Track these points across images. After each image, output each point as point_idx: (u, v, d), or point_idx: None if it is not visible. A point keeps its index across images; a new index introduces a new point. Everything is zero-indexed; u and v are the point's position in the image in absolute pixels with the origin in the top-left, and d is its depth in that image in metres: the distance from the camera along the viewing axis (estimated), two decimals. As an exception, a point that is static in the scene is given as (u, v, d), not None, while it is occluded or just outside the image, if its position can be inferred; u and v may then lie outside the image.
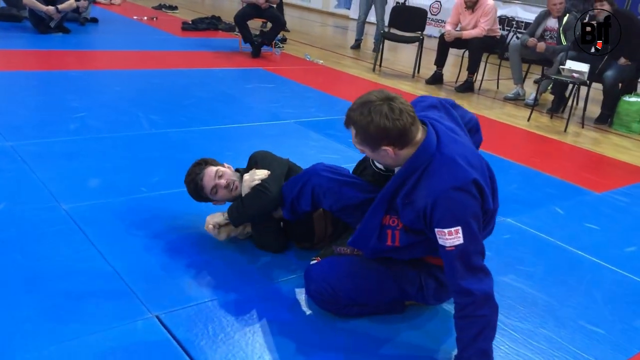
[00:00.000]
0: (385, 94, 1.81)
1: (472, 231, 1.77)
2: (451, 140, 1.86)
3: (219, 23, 8.90)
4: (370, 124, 1.77)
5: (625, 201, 3.62)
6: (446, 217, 1.76)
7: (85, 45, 6.61)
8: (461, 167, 1.78)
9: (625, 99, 5.51)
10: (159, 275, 2.26)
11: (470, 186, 1.77)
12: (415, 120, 1.81)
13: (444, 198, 1.76)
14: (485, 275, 1.81)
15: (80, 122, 3.90)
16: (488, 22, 6.43)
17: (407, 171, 1.84)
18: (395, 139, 1.79)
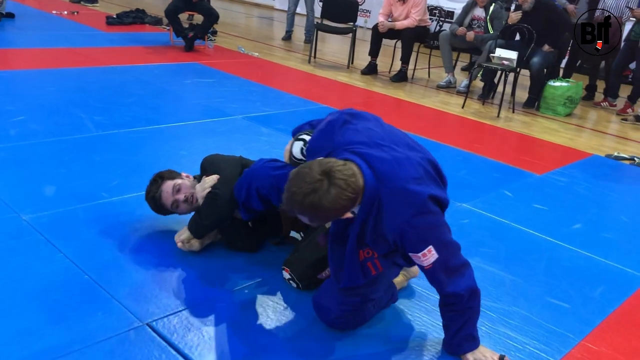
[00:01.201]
0: (318, 170, 1.69)
1: (444, 241, 1.83)
2: (385, 165, 1.80)
3: (144, 16, 8.63)
4: (328, 211, 1.72)
5: (564, 181, 3.88)
6: (416, 243, 1.79)
7: (5, 43, 6.24)
8: (410, 191, 1.76)
9: (551, 83, 5.85)
10: (140, 283, 2.22)
11: (426, 206, 1.77)
12: (355, 175, 1.74)
13: (407, 229, 1.77)
14: (466, 269, 1.89)
15: (20, 126, 3.70)
16: (419, 13, 6.62)
17: (362, 216, 1.82)
18: (354, 203, 1.76)
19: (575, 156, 4.51)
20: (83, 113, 4.09)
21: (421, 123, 5.15)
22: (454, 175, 3.78)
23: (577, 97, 5.95)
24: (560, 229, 3.11)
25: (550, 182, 3.83)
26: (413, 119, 5.29)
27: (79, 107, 4.23)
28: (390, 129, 2.04)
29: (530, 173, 3.96)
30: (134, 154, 3.46)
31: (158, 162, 3.31)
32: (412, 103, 5.82)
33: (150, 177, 2.58)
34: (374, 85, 6.43)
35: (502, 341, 2.10)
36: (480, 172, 3.90)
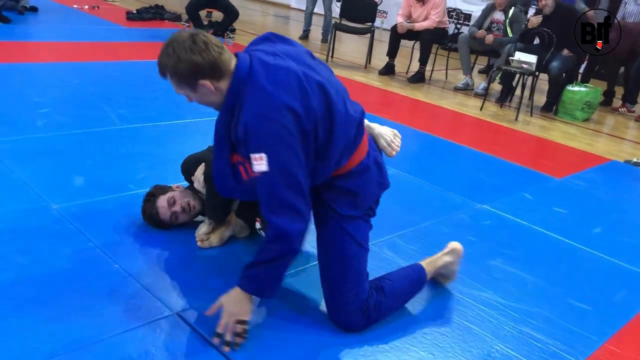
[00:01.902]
0: (182, 34, 1.80)
1: (280, 161, 1.73)
2: (265, 66, 1.80)
3: (164, 12, 8.70)
4: (179, 63, 1.75)
5: (584, 185, 3.88)
6: (253, 142, 1.74)
7: (30, 36, 6.33)
8: (268, 92, 1.74)
9: (569, 88, 5.85)
10: (169, 272, 2.26)
11: (279, 112, 1.72)
12: (224, 51, 1.80)
13: (251, 125, 1.74)
14: (297, 215, 1.78)
15: (46, 118, 3.76)
16: (438, 14, 6.64)
17: (228, 103, 1.82)
18: (208, 71, 1.76)
19: (594, 161, 4.52)
20: (107, 106, 4.15)
21: (439, 124, 5.17)
22: (475, 176, 3.81)
23: (595, 102, 5.94)
24: (581, 233, 3.12)
25: (569, 186, 3.84)
26: (431, 119, 5.31)
27: (103, 100, 4.28)
28: (302, 54, 1.97)
29: (549, 177, 3.97)
30: (159, 148, 3.51)
31: (183, 156, 3.33)
32: (430, 104, 5.83)
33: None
34: (391, 85, 6.46)
35: (526, 341, 2.12)
36: (500, 174, 3.92)
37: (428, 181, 3.56)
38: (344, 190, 1.97)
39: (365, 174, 2.00)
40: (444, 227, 2.96)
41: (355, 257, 2.01)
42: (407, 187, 3.44)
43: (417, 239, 2.78)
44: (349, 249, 1.99)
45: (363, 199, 2.00)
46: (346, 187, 1.97)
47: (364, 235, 2.05)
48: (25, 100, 4.06)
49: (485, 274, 2.56)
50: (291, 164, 1.75)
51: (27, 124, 3.60)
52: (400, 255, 2.61)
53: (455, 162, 4.10)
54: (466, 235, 2.89)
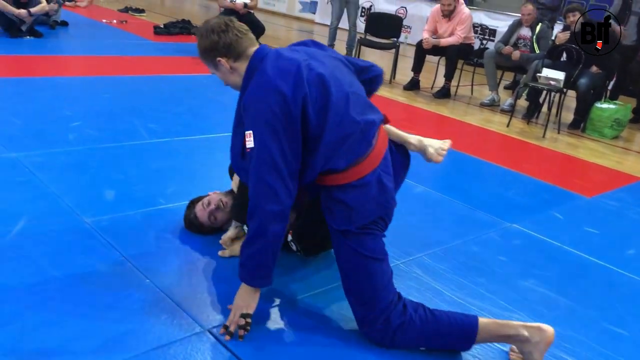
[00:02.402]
0: (220, 17, 2.04)
1: (262, 140, 1.84)
2: (277, 56, 1.96)
3: (190, 27, 8.81)
4: (201, 41, 2.00)
5: (615, 205, 3.82)
6: (245, 120, 1.90)
7: (61, 50, 6.46)
8: (267, 77, 1.88)
9: (598, 105, 5.78)
10: (200, 289, 2.27)
11: (267, 94, 1.85)
12: (245, 37, 1.99)
13: (245, 103, 1.90)
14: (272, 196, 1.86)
15: (78, 131, 3.82)
16: (464, 30, 6.62)
17: (243, 84, 1.98)
18: (224, 50, 1.97)
19: (624, 180, 4.44)
20: (137, 120, 4.20)
21: (465, 140, 5.13)
22: (503, 194, 3.77)
23: (624, 120, 5.86)
24: (614, 254, 3.06)
25: (600, 206, 3.78)
26: (457, 135, 5.27)
27: (133, 114, 4.34)
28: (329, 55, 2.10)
29: (579, 195, 3.91)
30: (188, 162, 3.54)
31: (212, 171, 3.39)
32: (455, 120, 5.81)
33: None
34: (416, 101, 6.44)
35: (561, 365, 2.08)
36: (529, 192, 3.87)
37: (456, 199, 3.53)
38: (339, 202, 1.99)
39: (363, 189, 1.99)
40: (474, 246, 2.92)
41: (364, 270, 1.99)
42: (435, 205, 3.42)
43: (446, 258, 2.75)
44: (356, 262, 2.00)
45: (357, 214, 1.98)
46: (342, 199, 1.99)
47: (373, 248, 2.01)
48: (57, 113, 4.13)
49: (517, 294, 2.52)
50: (272, 145, 1.84)
51: (59, 138, 3.66)
52: (429, 274, 2.59)
53: (483, 180, 4.06)
54: (496, 255, 2.86)
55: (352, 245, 1.99)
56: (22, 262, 2.26)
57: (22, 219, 2.58)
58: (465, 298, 2.43)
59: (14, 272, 2.20)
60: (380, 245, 2.04)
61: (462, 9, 6.65)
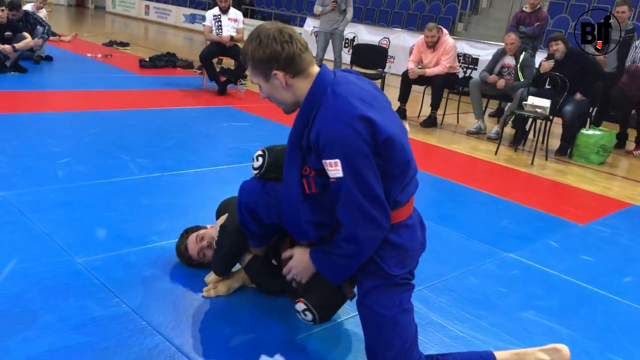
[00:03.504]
0: (278, 23, 1.85)
1: (355, 168, 1.72)
2: (348, 82, 1.84)
3: (176, 60, 8.84)
4: (258, 48, 1.79)
5: (608, 232, 3.83)
6: (327, 148, 1.73)
7: (46, 85, 6.42)
8: (349, 102, 1.75)
9: (584, 131, 5.85)
10: (200, 331, 2.20)
11: (355, 121, 1.71)
12: (308, 51, 1.84)
13: (326, 130, 1.73)
14: (369, 222, 1.77)
15: (67, 168, 3.76)
16: (449, 60, 6.71)
17: (306, 109, 1.82)
18: (284, 63, 1.79)
19: (615, 206, 4.47)
20: (126, 155, 4.15)
21: (454, 169, 5.15)
22: (497, 223, 3.76)
23: (610, 146, 5.93)
24: (611, 282, 3.05)
25: (594, 233, 3.79)
26: (445, 164, 5.29)
27: (122, 149, 4.29)
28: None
29: (573, 223, 3.92)
30: (179, 198, 3.49)
31: (204, 206, 3.34)
32: (443, 148, 5.83)
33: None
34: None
35: (569, 400, 2.04)
36: (523, 221, 3.87)
37: (451, 229, 3.51)
38: (394, 245, 1.89)
39: (413, 229, 1.95)
40: (473, 278, 2.90)
41: (396, 323, 1.89)
42: (430, 236, 3.33)
43: (447, 291, 2.72)
44: (393, 315, 1.87)
45: (411, 255, 1.94)
46: (396, 241, 1.89)
47: (408, 298, 1.94)
48: (44, 150, 4.07)
49: (519, 327, 2.49)
50: (365, 170, 1.73)
51: (48, 175, 3.59)
52: (430, 308, 2.55)
53: (475, 208, 4.06)
54: (496, 287, 2.84)
55: (391, 294, 1.88)
56: (13, 307, 2.19)
57: (12, 261, 2.51)
58: (468, 332, 2.40)
59: (5, 317, 2.12)
60: (411, 296, 1.97)
61: (446, 39, 6.75)
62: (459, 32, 12.12)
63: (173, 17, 17.39)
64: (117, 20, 17.59)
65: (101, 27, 15.31)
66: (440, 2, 12.76)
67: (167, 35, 14.81)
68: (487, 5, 12.68)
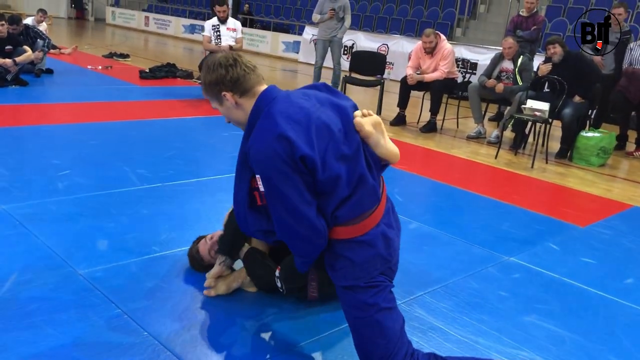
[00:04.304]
0: (227, 52, 2.01)
1: (275, 185, 1.80)
2: (286, 100, 1.91)
3: (176, 70, 8.87)
4: (207, 75, 1.95)
5: (609, 234, 3.83)
6: (253, 165, 1.86)
7: (47, 98, 6.45)
8: (275, 121, 1.82)
9: (583, 134, 5.85)
10: (200, 340, 2.21)
11: (274, 140, 1.78)
12: (254, 73, 1.95)
13: (252, 147, 1.84)
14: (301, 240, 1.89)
15: (67, 180, 3.78)
16: (447, 65, 6.73)
17: (248, 127, 1.93)
18: (230, 84, 1.92)
19: (616, 208, 4.47)
20: (126, 166, 4.17)
21: (454, 173, 5.15)
22: (497, 227, 3.76)
23: (610, 148, 5.93)
24: (613, 284, 3.05)
25: (595, 235, 3.78)
26: (445, 169, 5.30)
27: (122, 160, 4.31)
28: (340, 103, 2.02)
29: (573, 225, 3.92)
30: (180, 207, 3.50)
31: (204, 215, 3.36)
32: (443, 153, 5.84)
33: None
34: (403, 136, 6.49)
35: (572, 403, 2.04)
36: (523, 224, 3.87)
37: (451, 234, 3.52)
38: (343, 258, 1.94)
39: (369, 245, 1.93)
40: (474, 283, 2.90)
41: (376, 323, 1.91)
42: (431, 241, 3.40)
43: (448, 296, 2.72)
44: (367, 316, 1.91)
45: (362, 270, 1.93)
46: (346, 255, 1.93)
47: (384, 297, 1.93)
48: (45, 162, 4.09)
49: (522, 331, 2.49)
50: (285, 188, 1.81)
51: (49, 187, 3.61)
52: (432, 313, 2.55)
53: (475, 213, 4.06)
54: (497, 291, 2.84)
55: (361, 298, 1.91)
56: (15, 320, 2.19)
57: (14, 274, 2.52)
58: (470, 337, 2.40)
59: (7, 331, 2.13)
60: (390, 294, 1.97)
61: (444, 45, 6.77)
62: (457, 37, 12.16)
63: (173, 28, 17.48)
64: (117, 32, 17.68)
65: (101, 39, 15.39)
66: (438, 8, 12.81)
67: (167, 46, 14.87)
68: (485, 10, 12.72)
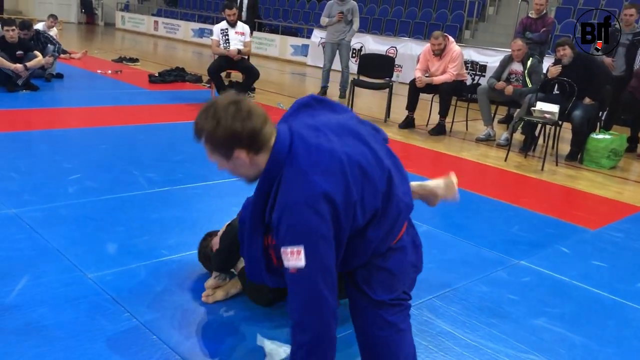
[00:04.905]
0: (231, 96, 1.71)
1: (319, 256, 1.59)
2: (306, 145, 1.69)
3: (185, 74, 8.91)
4: (217, 128, 1.64)
5: (620, 237, 3.79)
6: (287, 234, 1.60)
7: (57, 103, 6.49)
8: (307, 178, 1.61)
9: (594, 136, 5.81)
10: (209, 345, 2.21)
11: (316, 202, 1.59)
12: (267, 122, 1.70)
13: (287, 212, 1.60)
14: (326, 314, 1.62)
15: (77, 184, 3.80)
16: (456, 68, 6.70)
17: (266, 181, 1.71)
18: (247, 142, 1.66)
19: (627, 210, 4.43)
20: (136, 170, 4.18)
21: (464, 176, 5.10)
22: (507, 230, 3.74)
23: (621, 150, 5.89)
24: (624, 287, 3.02)
25: (606, 238, 3.75)
26: (455, 172, 5.23)
27: (132, 164, 4.33)
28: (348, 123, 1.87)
29: (584, 228, 3.89)
30: (189, 211, 3.50)
31: (213, 219, 3.36)
32: (452, 156, 5.82)
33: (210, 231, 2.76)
34: (412, 138, 6.47)
35: (583, 408, 2.02)
36: (533, 227, 3.84)
37: (461, 237, 3.50)
38: (381, 270, 1.84)
39: (402, 252, 1.90)
40: (483, 286, 2.88)
41: (394, 344, 1.84)
42: (440, 245, 3.38)
43: (456, 300, 2.71)
44: (387, 335, 1.82)
45: (399, 280, 1.88)
46: (383, 265, 1.84)
47: (403, 319, 1.89)
48: (55, 166, 4.12)
49: (532, 335, 2.47)
50: (326, 256, 1.61)
51: (59, 191, 3.63)
52: (441, 317, 2.54)
53: (485, 216, 4.04)
54: (507, 294, 2.82)
55: (383, 315, 1.81)
56: (24, 323, 2.21)
57: (24, 278, 2.53)
58: (479, 341, 2.38)
59: (17, 334, 2.14)
60: (408, 317, 1.92)
61: (453, 47, 6.75)
62: (466, 39, 12.13)
63: (182, 32, 17.57)
64: (126, 37, 17.79)
65: (111, 43, 15.49)
66: (447, 10, 12.79)
67: (176, 50, 14.95)
68: (494, 12, 12.69)
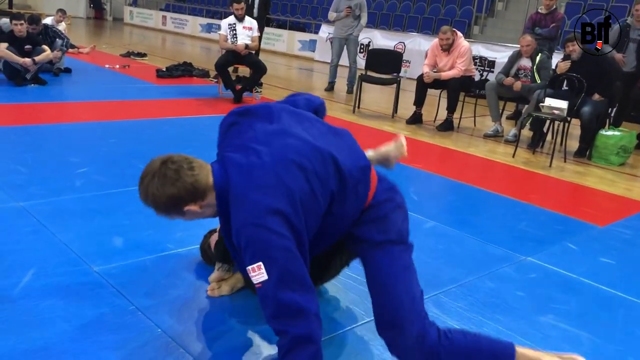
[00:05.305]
0: (155, 163, 1.82)
1: (278, 265, 1.65)
2: (239, 170, 1.76)
3: (192, 69, 8.92)
4: (156, 200, 1.77)
5: (629, 234, 3.77)
6: (248, 253, 1.68)
7: (65, 97, 6.52)
8: (248, 199, 1.70)
9: (603, 132, 5.77)
10: (216, 339, 2.21)
11: (263, 218, 1.66)
12: (196, 168, 1.79)
13: (241, 236, 1.70)
14: (300, 317, 1.67)
15: (84, 178, 3.81)
16: (464, 63, 6.67)
17: (222, 215, 1.83)
18: (189, 197, 1.77)
19: (636, 207, 4.40)
20: (143, 164, 4.12)
21: (471, 172, 5.11)
22: (514, 226, 3.72)
23: (630, 147, 5.84)
24: (632, 285, 3.00)
25: (614, 235, 3.73)
26: (463, 168, 5.26)
27: (139, 158, 4.28)
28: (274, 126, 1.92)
29: (592, 225, 3.86)
30: (195, 205, 3.50)
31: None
32: (460, 152, 5.79)
33: (212, 228, 2.72)
34: (420, 134, 6.45)
35: (589, 405, 2.01)
36: (541, 223, 3.82)
37: (467, 233, 3.48)
38: (373, 220, 1.96)
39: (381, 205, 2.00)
40: (489, 282, 2.87)
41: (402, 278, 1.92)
42: (446, 240, 3.37)
43: (463, 295, 2.70)
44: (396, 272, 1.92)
45: (390, 221, 1.98)
46: (374, 216, 1.96)
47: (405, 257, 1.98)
48: (63, 160, 4.13)
49: (538, 331, 2.45)
50: (289, 263, 1.67)
51: (66, 185, 3.64)
52: (447, 313, 2.53)
53: (492, 212, 4.02)
54: (513, 291, 2.80)
55: (391, 253, 1.93)
56: (31, 315, 2.22)
57: (31, 270, 2.54)
58: (485, 337, 2.36)
59: (23, 325, 2.15)
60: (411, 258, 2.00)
61: (461, 42, 6.71)
62: (475, 34, 12.07)
63: (190, 27, 17.59)
64: (134, 32, 17.83)
65: (119, 38, 15.53)
66: (455, 5, 12.72)
67: (184, 45, 14.96)
68: (503, 8, 12.61)
